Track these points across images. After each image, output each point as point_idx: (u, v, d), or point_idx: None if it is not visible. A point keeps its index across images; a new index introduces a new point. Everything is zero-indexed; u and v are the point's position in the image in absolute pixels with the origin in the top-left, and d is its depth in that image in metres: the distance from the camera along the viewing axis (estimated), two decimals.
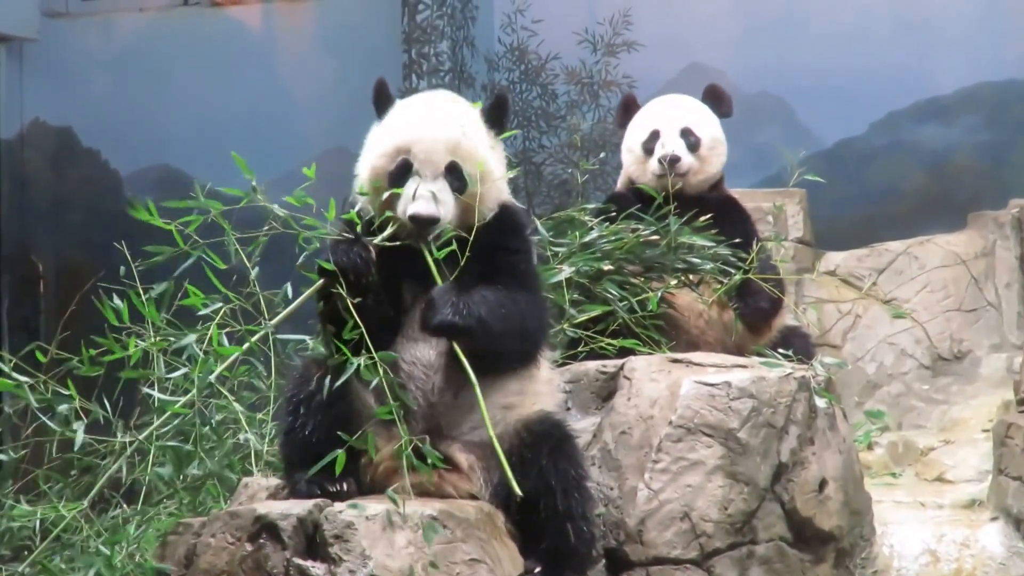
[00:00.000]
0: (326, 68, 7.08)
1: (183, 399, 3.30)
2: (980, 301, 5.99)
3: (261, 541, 3.09)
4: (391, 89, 3.59)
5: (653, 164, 4.73)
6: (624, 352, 4.06)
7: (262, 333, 3.33)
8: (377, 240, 3.31)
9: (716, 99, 4.90)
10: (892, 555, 4.00)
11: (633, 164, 4.86)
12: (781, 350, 4.14)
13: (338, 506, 3.14)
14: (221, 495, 3.64)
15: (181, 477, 3.55)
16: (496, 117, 3.50)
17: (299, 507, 3.13)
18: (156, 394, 3.35)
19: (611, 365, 3.92)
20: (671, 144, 4.72)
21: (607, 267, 4.27)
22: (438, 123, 3.41)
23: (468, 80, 6.87)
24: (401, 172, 3.36)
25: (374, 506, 3.15)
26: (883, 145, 6.86)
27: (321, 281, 3.28)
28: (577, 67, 7.03)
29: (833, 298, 5.94)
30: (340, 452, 3.18)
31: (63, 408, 3.39)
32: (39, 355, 3.57)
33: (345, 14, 7.16)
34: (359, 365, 3.19)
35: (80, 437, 3.33)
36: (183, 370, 3.29)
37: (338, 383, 3.22)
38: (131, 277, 3.93)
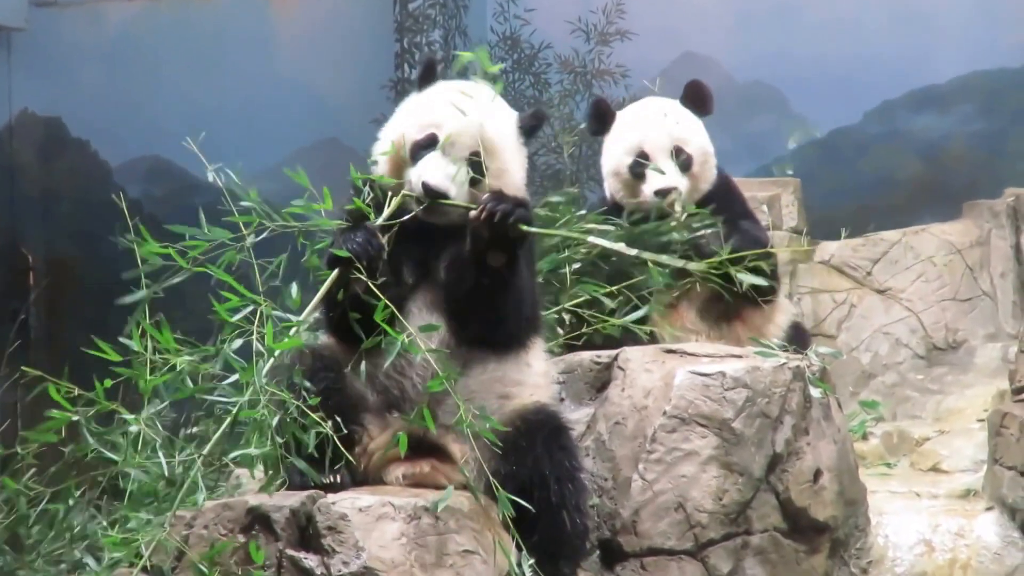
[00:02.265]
0: (317, 58, 7.05)
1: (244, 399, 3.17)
2: (975, 290, 5.99)
3: (254, 533, 3.07)
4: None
5: (647, 193, 4.43)
6: (615, 342, 4.02)
7: (297, 327, 3.26)
8: (379, 220, 3.31)
9: (698, 99, 4.55)
10: (887, 545, 4.00)
11: (620, 188, 4.54)
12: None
13: (331, 497, 3.13)
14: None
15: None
16: (531, 127, 3.56)
17: (292, 499, 3.11)
18: (217, 398, 3.23)
19: (605, 355, 3.90)
20: (666, 173, 4.41)
21: (577, 266, 4.13)
22: (474, 110, 3.44)
23: (460, 69, 6.85)
24: (426, 144, 3.39)
25: (367, 497, 3.13)
26: (878, 134, 6.86)
27: (337, 271, 3.26)
28: (570, 56, 7.03)
29: (828, 288, 5.93)
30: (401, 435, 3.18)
31: (133, 430, 3.29)
32: (99, 396, 3.44)
33: (337, 3, 7.14)
34: (402, 341, 3.19)
35: (164, 466, 3.24)
36: (234, 376, 3.22)
37: (389, 360, 3.23)
38: (126, 269, 3.89)
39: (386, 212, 3.33)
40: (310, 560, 3.04)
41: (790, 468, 3.71)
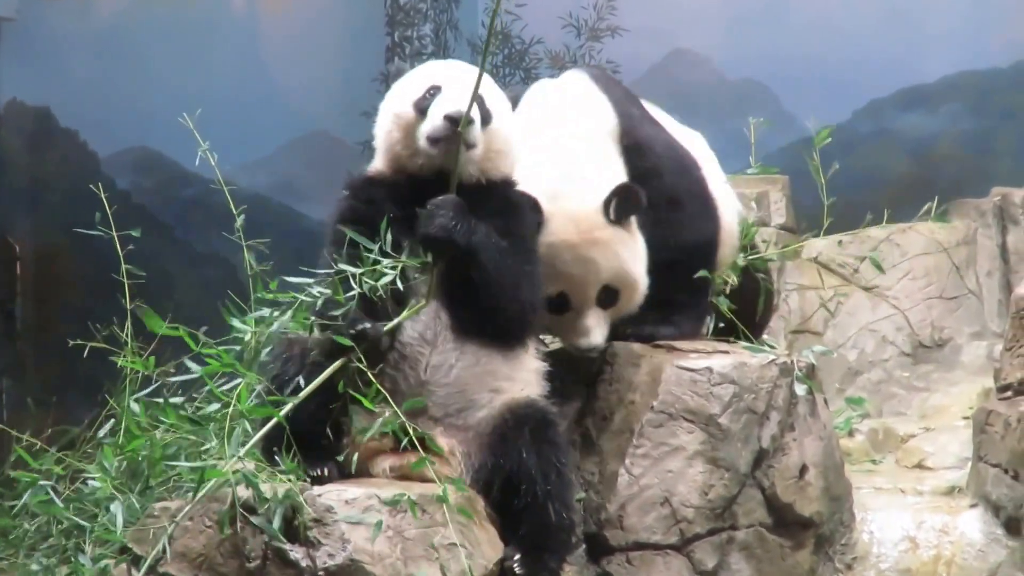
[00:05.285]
0: (308, 50, 7.03)
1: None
2: (961, 289, 6.01)
3: (239, 524, 3.06)
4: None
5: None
6: None
7: (289, 408, 3.21)
8: (392, 324, 3.26)
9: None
10: (872, 541, 4.01)
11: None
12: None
13: (317, 490, 3.12)
14: None
15: None
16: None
17: (278, 491, 3.10)
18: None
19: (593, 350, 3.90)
20: (590, 331, 3.77)
21: None
22: (467, 66, 3.51)
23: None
24: (430, 96, 3.39)
25: (353, 489, 3.13)
26: (866, 133, 6.89)
27: (340, 360, 3.24)
28: (561, 51, 7.04)
29: (815, 285, 5.94)
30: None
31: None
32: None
33: None
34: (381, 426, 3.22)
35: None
36: (212, 443, 3.27)
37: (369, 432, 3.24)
38: (115, 260, 3.89)
39: (404, 315, 3.28)
40: (296, 552, 3.04)
41: (776, 464, 3.72)
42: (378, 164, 3.50)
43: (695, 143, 4.19)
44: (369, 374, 3.21)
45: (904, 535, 4.03)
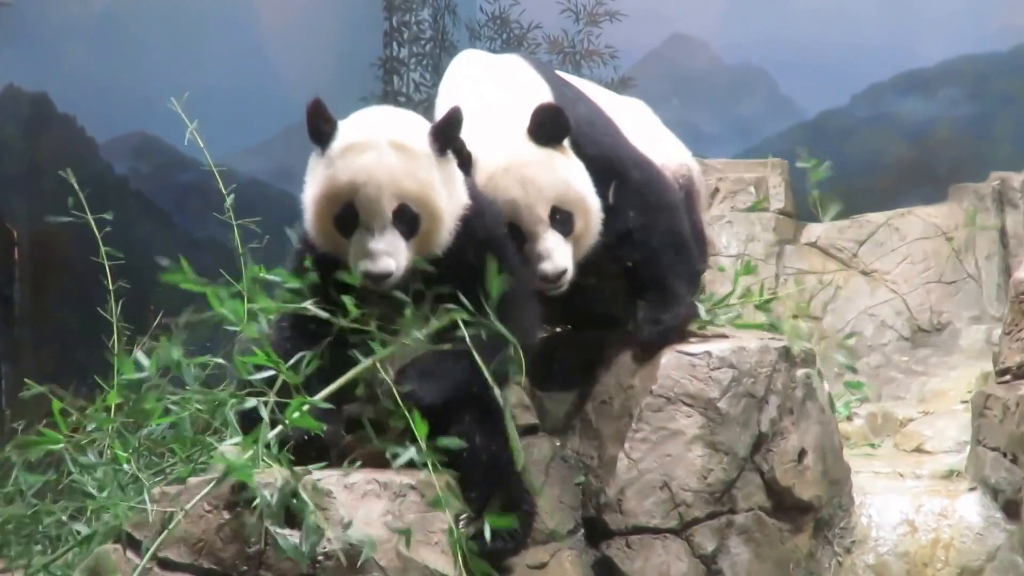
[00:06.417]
0: (307, 35, 7.02)
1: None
2: (960, 273, 6.02)
3: (239, 509, 3.06)
4: (327, 107, 3.29)
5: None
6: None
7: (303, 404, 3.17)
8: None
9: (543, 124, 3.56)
10: (870, 525, 4.02)
11: None
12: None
13: (317, 475, 3.12)
14: None
15: None
16: (447, 136, 3.28)
17: (277, 476, 3.10)
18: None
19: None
20: (551, 253, 3.52)
21: None
22: (382, 166, 3.19)
23: (449, 48, 6.85)
24: (347, 218, 3.20)
25: (353, 475, 3.13)
26: (865, 117, 6.88)
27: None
28: (559, 36, 7.03)
29: (814, 269, 5.95)
30: None
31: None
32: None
33: None
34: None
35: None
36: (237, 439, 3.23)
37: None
38: (112, 245, 3.88)
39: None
40: (295, 537, 3.04)
41: (775, 448, 3.72)
42: (314, 239, 3.30)
43: (633, 110, 4.11)
44: (389, 381, 3.15)
45: (903, 519, 4.04)
